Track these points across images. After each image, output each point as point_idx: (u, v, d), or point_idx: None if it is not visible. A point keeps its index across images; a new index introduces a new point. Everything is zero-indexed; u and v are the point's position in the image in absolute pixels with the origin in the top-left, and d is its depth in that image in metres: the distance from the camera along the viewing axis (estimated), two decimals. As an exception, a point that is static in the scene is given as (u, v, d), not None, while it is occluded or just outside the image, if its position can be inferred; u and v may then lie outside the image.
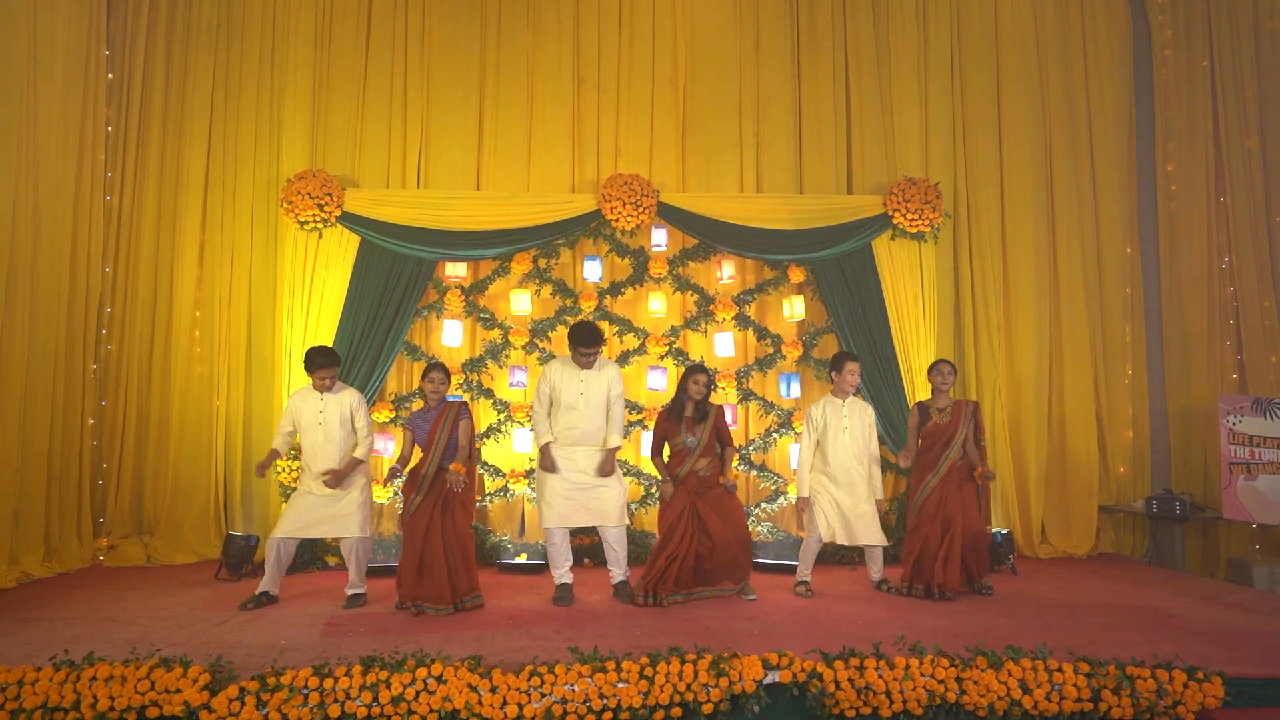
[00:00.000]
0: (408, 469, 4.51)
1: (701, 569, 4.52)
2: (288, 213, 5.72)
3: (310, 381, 4.60)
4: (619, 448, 4.72)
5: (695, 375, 4.66)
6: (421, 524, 4.33)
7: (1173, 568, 5.84)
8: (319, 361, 4.52)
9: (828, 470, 4.82)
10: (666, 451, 4.72)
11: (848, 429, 4.82)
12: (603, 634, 3.81)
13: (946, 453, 4.76)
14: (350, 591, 4.51)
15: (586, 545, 5.59)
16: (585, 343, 4.58)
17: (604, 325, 5.90)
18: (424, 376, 4.56)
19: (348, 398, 4.62)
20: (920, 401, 5.05)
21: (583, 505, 4.59)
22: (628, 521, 4.73)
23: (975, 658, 3.27)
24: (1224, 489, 5.70)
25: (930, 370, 4.98)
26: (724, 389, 5.93)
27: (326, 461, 4.50)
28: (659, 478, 4.78)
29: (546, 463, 4.60)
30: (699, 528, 4.51)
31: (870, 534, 4.79)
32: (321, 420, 4.54)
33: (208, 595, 4.69)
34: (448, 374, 4.62)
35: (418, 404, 4.88)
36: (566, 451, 4.63)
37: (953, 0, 6.58)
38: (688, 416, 4.64)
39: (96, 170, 5.79)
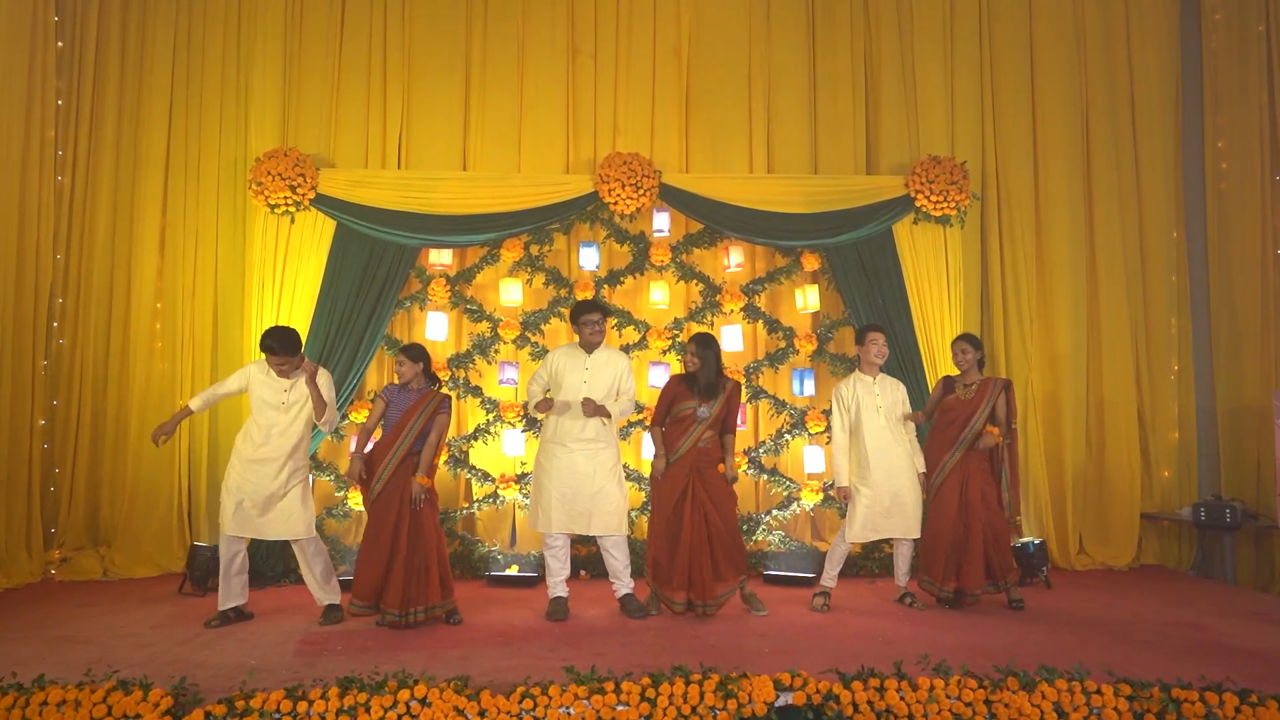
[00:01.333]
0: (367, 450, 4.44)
1: (714, 561, 4.51)
2: (257, 195, 5.71)
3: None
4: (610, 415, 4.64)
5: (688, 343, 4.72)
6: (390, 517, 4.28)
7: (1222, 581, 5.83)
8: (270, 346, 4.36)
9: (865, 459, 4.78)
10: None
11: (881, 408, 4.82)
12: (600, 652, 3.81)
13: (965, 432, 4.76)
14: (325, 602, 4.50)
15: (583, 556, 5.59)
16: (586, 309, 4.66)
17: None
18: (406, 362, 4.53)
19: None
20: (947, 375, 5.07)
21: (579, 511, 4.59)
22: (628, 530, 4.73)
23: (1006, 678, 3.27)
24: (1279, 495, 5.69)
25: (952, 345, 5.04)
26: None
27: (278, 450, 4.39)
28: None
29: (544, 405, 4.60)
30: (704, 512, 4.53)
31: (911, 524, 4.78)
32: (285, 401, 4.45)
33: (170, 611, 4.69)
34: (418, 357, 4.53)
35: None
36: (564, 454, 4.62)
37: (981, -40, 6.57)
38: (701, 385, 4.64)
39: (46, 148, 5.77)
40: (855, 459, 4.84)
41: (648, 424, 5.83)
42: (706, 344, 4.67)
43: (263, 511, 4.38)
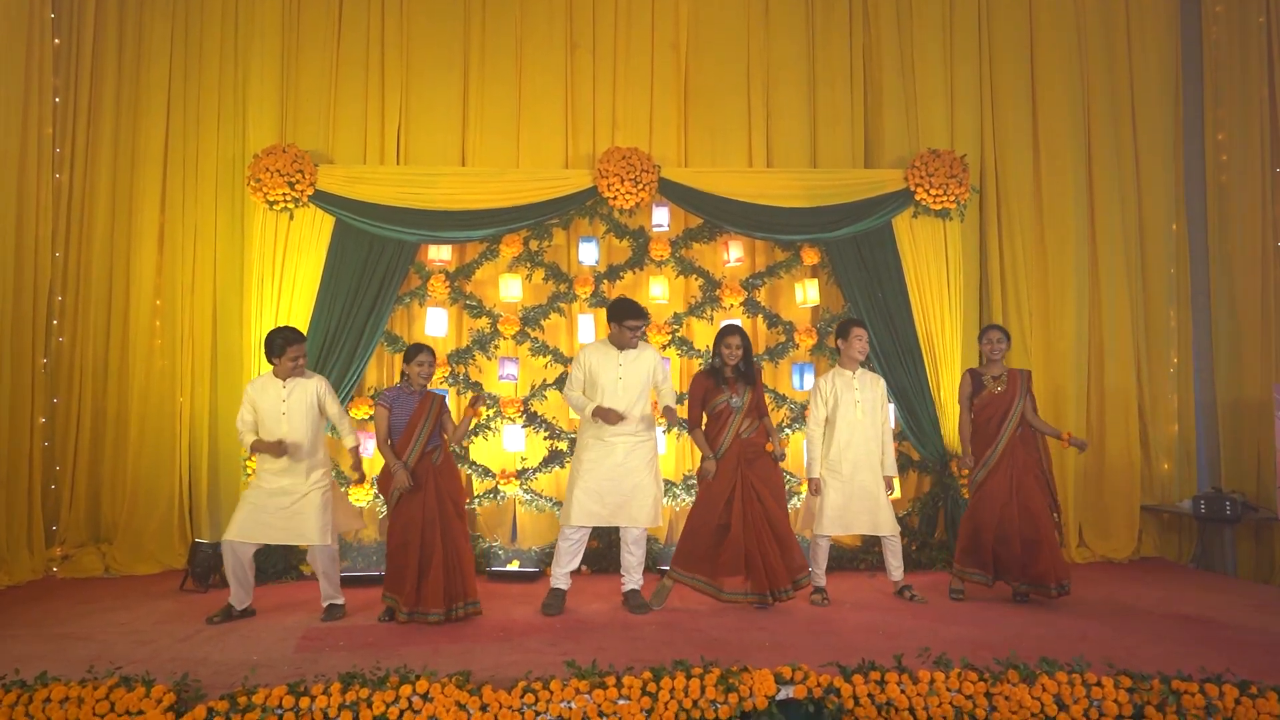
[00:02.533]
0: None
1: (782, 547, 4.49)
2: (255, 191, 5.71)
3: (269, 370, 4.55)
4: (673, 407, 4.76)
5: (727, 338, 4.66)
6: (416, 521, 4.28)
7: (1222, 573, 5.84)
8: (288, 337, 4.43)
9: (836, 452, 4.82)
10: (704, 421, 4.73)
11: (859, 403, 4.84)
12: (601, 646, 3.82)
13: (1005, 425, 4.75)
14: (327, 602, 4.52)
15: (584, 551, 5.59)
16: (635, 315, 4.64)
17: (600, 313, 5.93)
18: (411, 359, 4.47)
19: (314, 384, 4.55)
20: (971, 369, 5.04)
21: (612, 503, 4.59)
22: (660, 523, 4.73)
23: (1006, 671, 3.28)
24: (1279, 488, 5.70)
25: (980, 336, 5.00)
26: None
27: (288, 460, 4.42)
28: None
29: (613, 418, 4.53)
30: (758, 500, 4.51)
31: (886, 521, 4.81)
32: (285, 411, 4.44)
33: (172, 608, 4.70)
34: (435, 356, 4.59)
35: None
36: (602, 447, 4.62)
37: (981, -48, 6.55)
38: (729, 378, 4.65)
39: (44, 145, 5.76)
40: (826, 452, 4.87)
41: (655, 420, 5.85)
42: (745, 336, 4.70)
43: (280, 518, 4.39)
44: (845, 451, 4.82)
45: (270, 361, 4.53)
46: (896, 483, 5.08)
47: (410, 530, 4.30)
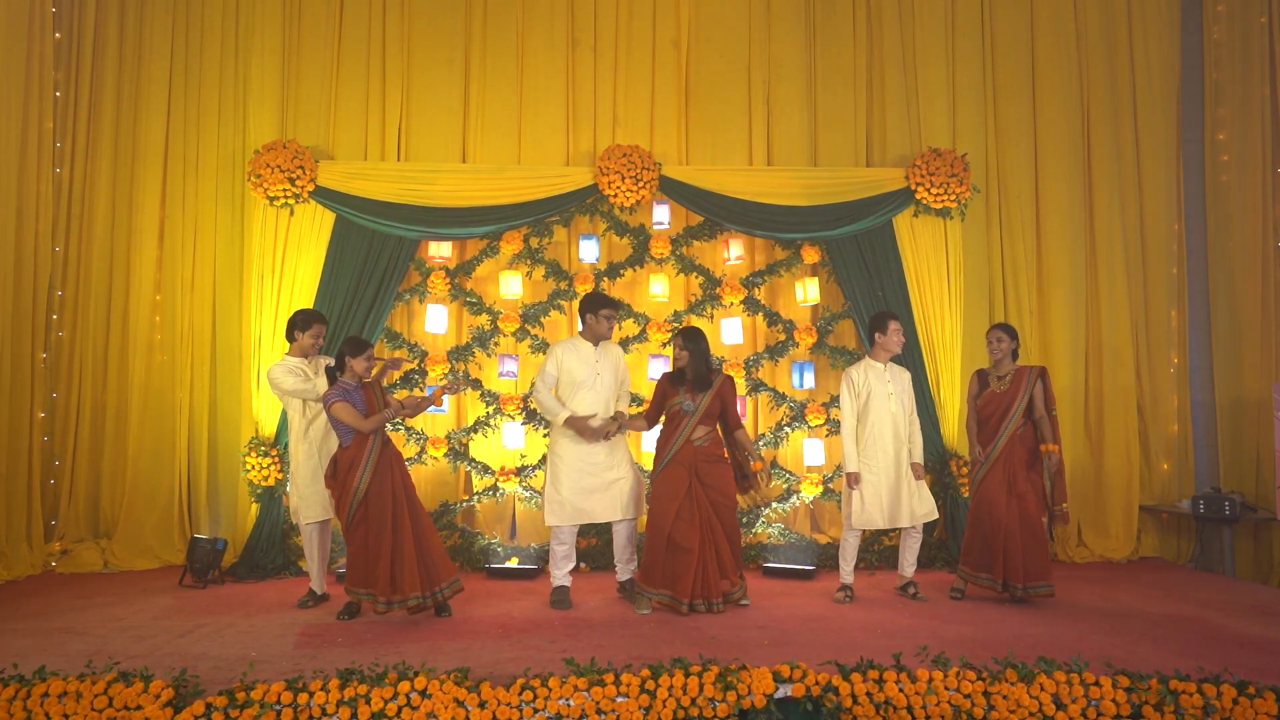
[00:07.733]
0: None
1: (720, 560, 4.51)
2: (255, 187, 5.70)
3: (287, 354, 4.72)
4: (624, 411, 4.84)
5: (675, 340, 4.76)
6: (388, 509, 4.18)
7: (1221, 573, 5.84)
8: (315, 316, 4.76)
9: (872, 445, 4.78)
10: (662, 420, 4.77)
11: (892, 394, 4.83)
12: (600, 644, 3.82)
13: (1005, 424, 4.75)
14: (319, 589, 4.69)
15: (582, 548, 5.60)
16: (608, 303, 4.79)
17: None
18: (362, 356, 4.30)
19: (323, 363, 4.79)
20: (980, 369, 5.05)
21: (596, 500, 4.65)
22: (642, 513, 4.78)
23: (1004, 670, 3.28)
24: (1278, 488, 5.69)
25: (986, 335, 5.02)
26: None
27: (320, 431, 4.62)
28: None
29: (579, 425, 4.60)
30: (707, 515, 4.49)
31: (925, 507, 4.82)
32: (314, 387, 4.62)
33: (171, 603, 4.70)
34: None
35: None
36: (581, 445, 4.65)
37: (984, -48, 6.53)
38: (688, 380, 4.65)
39: (44, 140, 5.76)
40: (862, 446, 4.83)
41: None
42: (692, 337, 4.68)
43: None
44: (880, 444, 4.78)
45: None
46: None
47: (383, 519, 4.18)
